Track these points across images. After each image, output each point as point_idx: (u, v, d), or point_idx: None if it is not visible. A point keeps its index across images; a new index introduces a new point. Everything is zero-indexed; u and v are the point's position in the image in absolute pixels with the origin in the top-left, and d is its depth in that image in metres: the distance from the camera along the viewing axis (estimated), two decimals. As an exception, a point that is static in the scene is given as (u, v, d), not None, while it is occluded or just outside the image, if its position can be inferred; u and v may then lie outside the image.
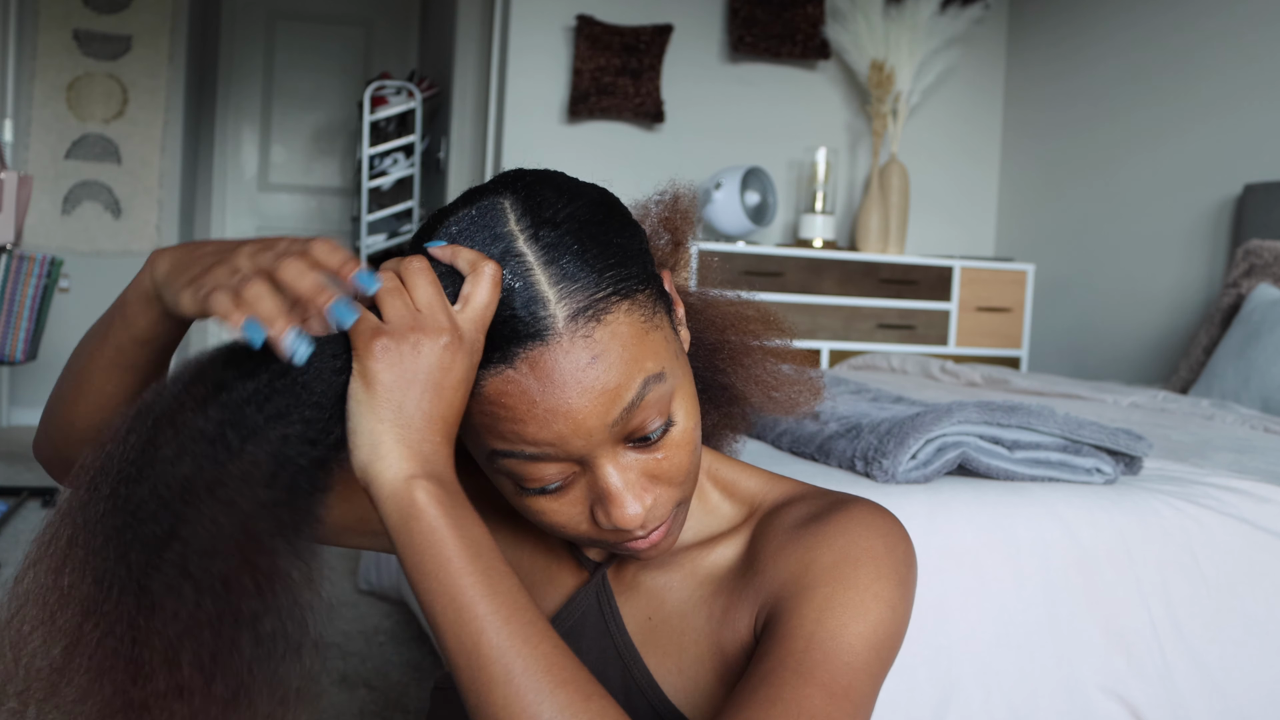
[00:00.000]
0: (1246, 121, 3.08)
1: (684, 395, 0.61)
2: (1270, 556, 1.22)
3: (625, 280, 0.57)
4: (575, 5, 3.64)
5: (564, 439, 0.56)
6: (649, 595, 0.69)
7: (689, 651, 0.67)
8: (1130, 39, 3.52)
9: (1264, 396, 2.31)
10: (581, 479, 0.60)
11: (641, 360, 0.57)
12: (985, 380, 2.52)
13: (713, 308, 0.80)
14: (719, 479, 0.73)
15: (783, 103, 3.91)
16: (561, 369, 0.55)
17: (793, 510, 0.68)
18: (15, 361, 2.89)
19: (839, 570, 0.61)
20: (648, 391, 0.57)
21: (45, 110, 4.41)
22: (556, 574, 0.74)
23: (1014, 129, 4.14)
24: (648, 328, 0.58)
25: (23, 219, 2.89)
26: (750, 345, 0.80)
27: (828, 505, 0.66)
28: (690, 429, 0.61)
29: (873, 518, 0.64)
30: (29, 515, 3.00)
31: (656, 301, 0.60)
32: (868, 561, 0.62)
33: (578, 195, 0.60)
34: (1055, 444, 1.23)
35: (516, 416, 0.56)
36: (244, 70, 5.43)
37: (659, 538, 0.63)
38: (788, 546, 0.64)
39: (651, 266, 0.62)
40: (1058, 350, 3.79)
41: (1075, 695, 1.11)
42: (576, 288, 0.56)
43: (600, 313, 0.56)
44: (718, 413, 0.81)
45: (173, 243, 4.61)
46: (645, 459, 0.60)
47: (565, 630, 0.71)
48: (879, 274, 3.47)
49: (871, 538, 0.63)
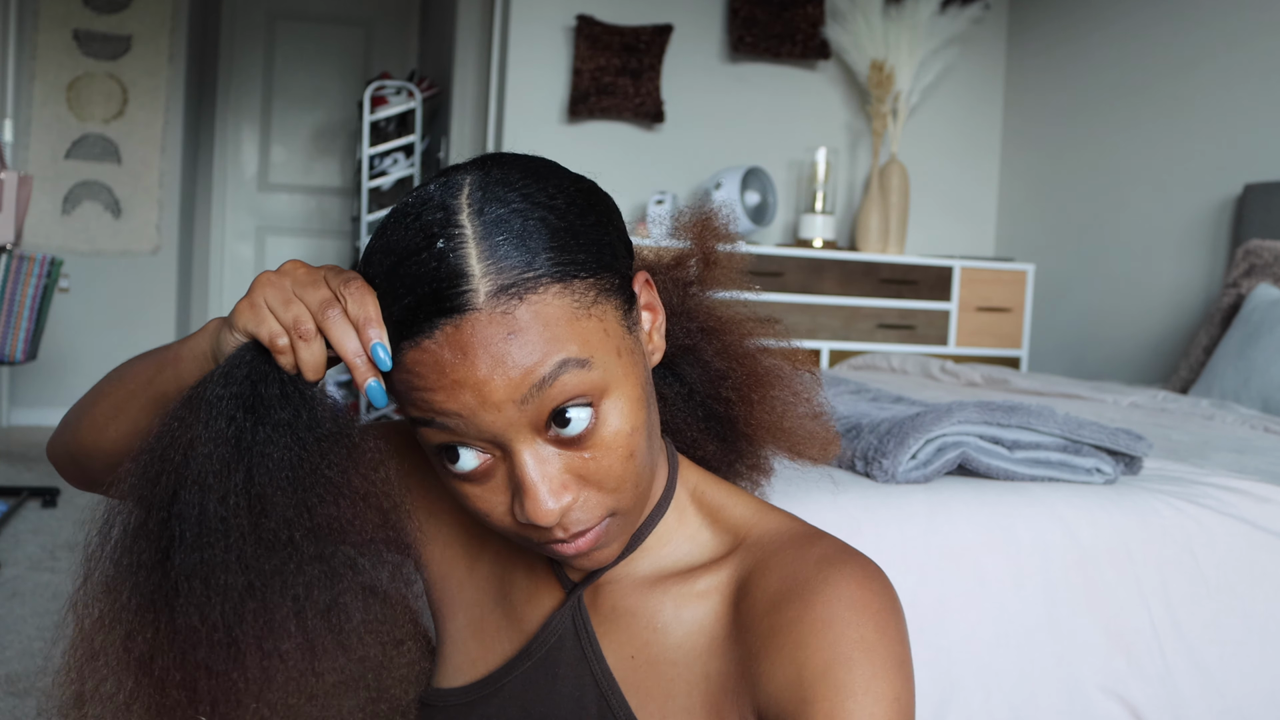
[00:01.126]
0: (1246, 121, 3.08)
1: (623, 397, 0.59)
2: (1270, 556, 1.22)
3: (564, 264, 0.57)
4: (575, 5, 3.64)
5: (473, 411, 0.56)
6: (631, 631, 0.68)
7: (679, 701, 0.65)
8: (1130, 39, 3.52)
9: (1264, 396, 2.31)
10: (502, 466, 0.59)
11: (563, 342, 0.56)
12: (985, 380, 2.52)
13: (733, 332, 0.77)
14: (703, 502, 0.70)
15: (783, 103, 3.91)
16: (475, 342, 0.55)
17: (775, 568, 0.64)
18: (15, 361, 2.89)
19: (833, 676, 0.58)
20: (564, 373, 0.56)
21: (45, 110, 4.41)
22: (536, 592, 0.72)
23: (1014, 129, 4.14)
24: (580, 315, 0.57)
25: (23, 219, 2.89)
26: (761, 381, 0.77)
27: (809, 578, 0.62)
28: (626, 433, 0.59)
29: (860, 594, 0.61)
30: (29, 515, 3.00)
31: (603, 294, 0.59)
32: (860, 658, 0.59)
33: (545, 178, 0.60)
34: (1055, 444, 1.23)
35: (428, 385, 0.56)
36: (244, 70, 5.43)
37: (586, 545, 0.61)
38: (774, 641, 0.61)
39: (618, 262, 0.61)
40: (1058, 350, 3.79)
41: (1075, 695, 1.11)
42: (505, 265, 0.55)
43: (526, 291, 0.55)
44: (715, 444, 0.78)
45: (173, 242, 4.62)
46: (570, 456, 0.59)
47: (544, 652, 0.69)
48: (879, 274, 3.47)
49: (862, 625, 0.60)
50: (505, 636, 0.72)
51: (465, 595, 0.75)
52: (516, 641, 0.72)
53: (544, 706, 0.69)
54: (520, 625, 0.72)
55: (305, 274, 0.59)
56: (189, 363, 0.63)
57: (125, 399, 0.67)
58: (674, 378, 0.78)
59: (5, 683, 1.87)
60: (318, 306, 0.58)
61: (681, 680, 0.65)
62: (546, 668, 0.69)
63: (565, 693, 0.68)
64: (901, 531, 1.09)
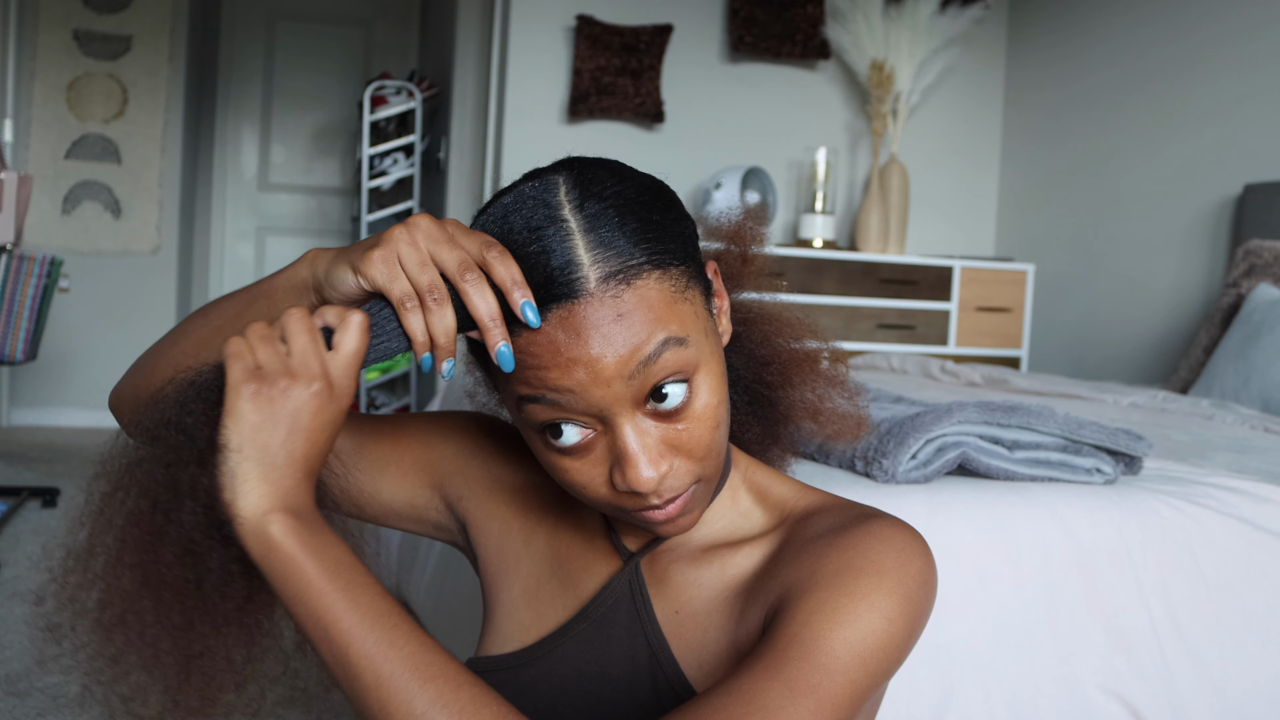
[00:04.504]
0: (1246, 121, 3.08)
1: (710, 373, 0.64)
2: (1270, 556, 1.22)
3: (660, 254, 0.62)
4: (575, 5, 3.64)
5: (584, 387, 0.60)
6: (678, 589, 0.72)
7: (710, 649, 0.69)
8: (1130, 39, 3.52)
9: (1264, 396, 2.31)
10: (602, 440, 0.64)
11: (665, 322, 0.61)
12: (985, 380, 2.52)
13: (771, 322, 0.83)
14: (753, 483, 0.76)
15: (783, 103, 3.91)
16: (588, 323, 0.60)
17: (817, 520, 0.69)
18: (15, 361, 2.89)
19: (840, 577, 0.62)
20: (666, 350, 0.61)
21: (45, 110, 4.41)
22: (593, 562, 0.76)
23: (1014, 129, 4.14)
24: (677, 298, 0.62)
25: (23, 219, 2.89)
26: (801, 365, 0.82)
27: (851, 518, 0.67)
28: (714, 406, 0.64)
29: (891, 533, 0.65)
30: (29, 515, 3.00)
31: (692, 280, 0.64)
32: (871, 573, 0.62)
33: (628, 178, 0.65)
34: (1055, 444, 1.23)
35: (542, 364, 0.61)
36: (244, 70, 5.43)
37: (675, 510, 0.65)
38: (802, 554, 0.66)
39: (695, 251, 0.66)
40: (1058, 350, 3.79)
41: (1075, 695, 1.11)
42: (611, 254, 0.60)
43: (631, 277, 0.60)
44: (759, 426, 0.83)
45: (173, 242, 4.62)
46: (665, 428, 0.63)
47: (600, 615, 0.73)
48: (879, 274, 3.47)
49: (883, 551, 0.64)
50: (560, 603, 0.76)
51: (521, 567, 0.79)
52: (572, 607, 0.76)
53: (598, 665, 0.73)
54: (576, 592, 0.76)
55: (440, 232, 0.62)
56: (285, 294, 0.66)
57: (212, 335, 0.68)
58: None
59: (5, 683, 1.87)
60: (456, 267, 0.60)
61: (714, 628, 0.70)
62: (603, 628, 0.73)
63: (618, 651, 0.72)
64: (901, 531, 1.09)
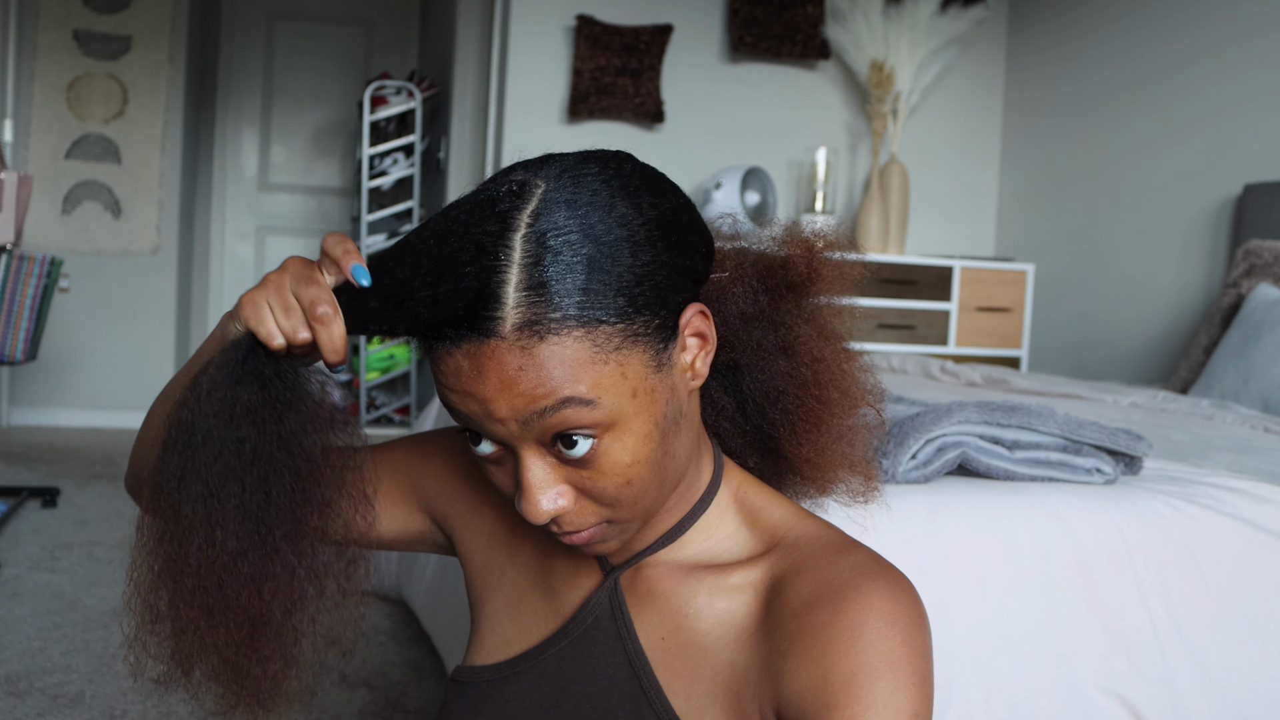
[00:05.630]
0: (1246, 122, 3.08)
1: (629, 433, 0.61)
2: (1270, 556, 1.22)
3: (591, 308, 0.58)
4: (575, 5, 3.64)
5: (480, 419, 0.60)
6: (665, 614, 0.70)
7: (703, 685, 0.68)
8: (1130, 39, 3.52)
9: (1264, 396, 2.31)
10: (512, 459, 0.63)
11: (573, 382, 0.58)
12: (985, 380, 2.52)
13: (800, 357, 0.77)
14: (745, 503, 0.73)
15: (783, 103, 3.91)
16: (490, 364, 0.58)
17: (809, 574, 0.66)
18: (15, 361, 2.89)
19: (856, 685, 0.60)
20: (566, 408, 0.58)
21: (45, 110, 4.41)
22: (576, 576, 0.75)
23: (1014, 129, 4.14)
24: (597, 359, 0.58)
25: (23, 219, 2.89)
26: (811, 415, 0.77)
27: (843, 585, 0.64)
28: (624, 464, 0.61)
29: (891, 607, 0.62)
30: (29, 515, 3.00)
31: (633, 338, 0.59)
32: (885, 671, 0.60)
33: (615, 205, 0.60)
34: (1055, 444, 1.23)
35: (447, 384, 0.61)
36: (244, 70, 5.43)
37: (580, 541, 0.65)
38: (802, 641, 0.63)
39: (668, 298, 0.61)
40: (1058, 350, 3.79)
41: (1075, 695, 1.11)
42: (538, 300, 0.57)
43: (548, 332, 0.57)
44: (756, 457, 0.80)
45: (173, 242, 4.62)
46: (570, 470, 0.62)
47: (580, 631, 0.72)
48: (879, 274, 3.47)
49: (890, 639, 0.61)
50: (543, 617, 0.76)
51: (505, 580, 0.79)
52: (554, 622, 0.75)
53: (577, 684, 0.72)
54: (559, 607, 0.75)
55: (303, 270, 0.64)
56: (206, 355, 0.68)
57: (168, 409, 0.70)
58: (733, 387, 0.79)
59: (5, 683, 1.87)
60: (309, 303, 0.62)
61: (707, 665, 0.68)
62: (582, 646, 0.72)
63: (599, 670, 0.71)
64: (901, 531, 1.09)
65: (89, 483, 3.43)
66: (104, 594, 2.37)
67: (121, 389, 4.55)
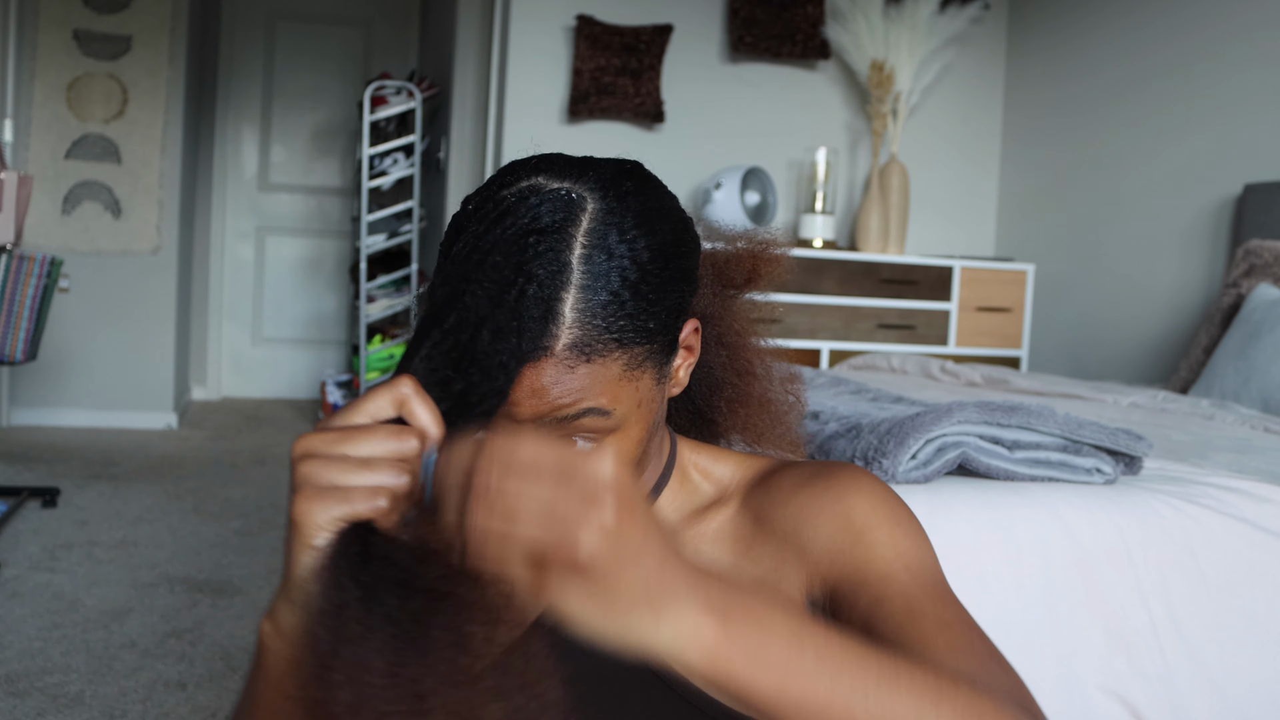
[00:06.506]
0: (1246, 122, 3.08)
1: (626, 438, 0.64)
2: (1270, 556, 1.22)
3: (632, 332, 0.61)
4: (575, 5, 3.64)
5: None
6: None
7: None
8: (1130, 39, 3.52)
9: (1264, 396, 2.31)
10: None
11: (598, 395, 0.61)
12: (985, 380, 2.52)
13: (738, 348, 0.83)
14: (699, 465, 0.78)
15: (783, 103, 3.91)
16: (527, 374, 0.59)
17: (785, 475, 0.72)
18: (15, 361, 2.89)
19: (880, 513, 0.67)
20: (585, 417, 0.61)
21: (45, 110, 4.41)
22: None
23: (1014, 129, 4.14)
24: (624, 376, 0.62)
25: (23, 219, 2.89)
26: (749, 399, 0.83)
27: (821, 467, 0.71)
28: None
29: (861, 473, 0.71)
30: (29, 515, 3.00)
31: (651, 356, 0.64)
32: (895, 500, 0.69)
33: (651, 227, 0.62)
34: (1055, 444, 1.23)
35: None
36: (244, 70, 5.43)
37: None
38: (808, 510, 0.68)
39: (679, 319, 0.66)
40: (1058, 350, 3.79)
41: (1075, 695, 1.11)
42: (590, 325, 0.59)
43: (594, 354, 0.60)
44: (696, 433, 0.86)
45: (173, 242, 4.61)
46: None
47: None
48: (879, 274, 3.47)
49: (886, 493, 0.70)
50: None
51: None
52: None
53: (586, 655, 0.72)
54: None
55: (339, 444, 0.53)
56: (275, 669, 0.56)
57: None
58: None
59: (5, 682, 1.87)
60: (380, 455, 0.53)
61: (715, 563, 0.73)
62: None
63: None
64: (901, 531, 1.09)
65: (89, 483, 3.43)
66: (104, 594, 2.37)
67: (121, 389, 4.55)
